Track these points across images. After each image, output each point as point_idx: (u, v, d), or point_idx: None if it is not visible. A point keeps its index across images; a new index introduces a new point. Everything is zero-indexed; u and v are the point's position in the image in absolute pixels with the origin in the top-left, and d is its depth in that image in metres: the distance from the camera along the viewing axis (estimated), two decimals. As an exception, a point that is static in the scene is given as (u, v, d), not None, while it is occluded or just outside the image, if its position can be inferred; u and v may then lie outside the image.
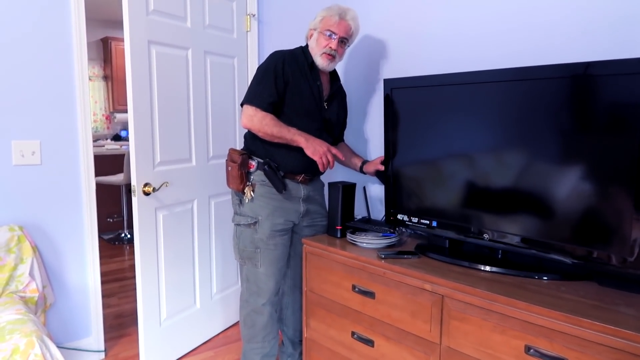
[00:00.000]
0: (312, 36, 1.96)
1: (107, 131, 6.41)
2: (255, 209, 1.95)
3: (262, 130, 1.86)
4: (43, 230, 2.29)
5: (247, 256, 1.99)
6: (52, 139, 2.28)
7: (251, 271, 2.00)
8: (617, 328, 1.11)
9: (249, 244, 1.97)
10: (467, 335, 1.42)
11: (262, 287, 1.99)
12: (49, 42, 2.23)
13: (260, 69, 1.93)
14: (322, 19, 1.93)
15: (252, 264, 1.98)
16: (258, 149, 1.96)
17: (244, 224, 1.97)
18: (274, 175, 1.91)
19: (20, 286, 2.04)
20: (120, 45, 6.04)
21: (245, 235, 1.98)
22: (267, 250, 1.96)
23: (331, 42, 1.90)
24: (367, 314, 1.73)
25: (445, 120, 1.69)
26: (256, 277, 1.99)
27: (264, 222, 1.94)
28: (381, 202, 2.22)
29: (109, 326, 2.85)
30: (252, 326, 2.04)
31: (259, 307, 2.01)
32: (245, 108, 1.88)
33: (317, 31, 1.94)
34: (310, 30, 1.98)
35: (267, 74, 1.88)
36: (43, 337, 1.63)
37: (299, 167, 1.96)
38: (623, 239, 1.30)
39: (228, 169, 1.97)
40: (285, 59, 1.91)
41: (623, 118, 1.28)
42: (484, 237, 1.60)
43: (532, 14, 1.68)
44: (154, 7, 2.15)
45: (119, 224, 5.14)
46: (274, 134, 1.86)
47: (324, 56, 1.91)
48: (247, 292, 2.03)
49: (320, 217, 2.12)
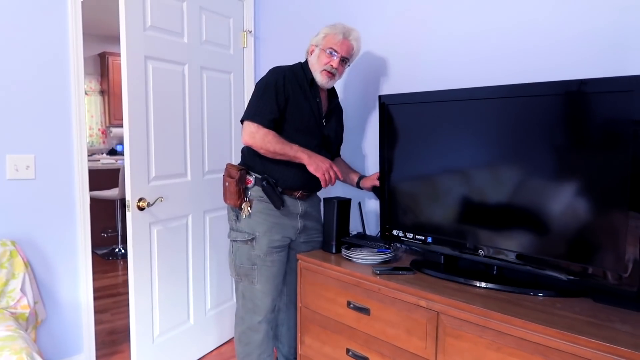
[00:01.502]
0: (313, 52, 1.96)
1: (102, 145, 6.40)
2: (253, 225, 1.93)
3: (265, 147, 1.85)
4: (36, 245, 2.27)
5: (244, 273, 1.97)
6: (46, 153, 2.28)
7: (247, 288, 1.97)
8: (612, 345, 1.11)
9: (246, 260, 1.95)
10: (462, 353, 1.40)
11: (259, 304, 1.97)
12: (45, 56, 2.24)
13: (260, 84, 1.92)
14: (326, 36, 1.93)
15: (248, 280, 1.96)
16: (256, 165, 1.95)
17: (241, 240, 1.95)
18: (272, 192, 1.90)
19: (11, 302, 2.01)
20: (118, 60, 6.07)
21: (242, 251, 1.96)
22: (264, 267, 1.94)
23: (332, 60, 1.90)
24: (362, 331, 1.71)
25: (440, 137, 1.70)
26: (252, 294, 1.97)
27: (261, 238, 1.93)
28: (376, 217, 2.22)
29: (102, 343, 2.81)
30: (247, 344, 2.01)
31: (255, 324, 1.99)
32: (247, 125, 1.87)
33: (319, 48, 1.93)
34: (311, 46, 1.98)
35: (268, 90, 1.87)
36: (33, 355, 1.61)
37: (297, 183, 1.96)
38: (617, 255, 1.30)
39: (225, 185, 1.94)
40: (285, 75, 1.91)
41: (616, 135, 1.29)
42: (479, 253, 1.60)
43: (526, 32, 1.70)
44: (151, 22, 2.17)
45: (113, 238, 5.10)
46: (276, 151, 1.85)
47: (323, 73, 1.91)
48: (243, 309, 2.01)
49: (317, 233, 2.11)
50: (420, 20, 2.03)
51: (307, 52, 2.01)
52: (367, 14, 2.23)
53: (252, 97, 1.92)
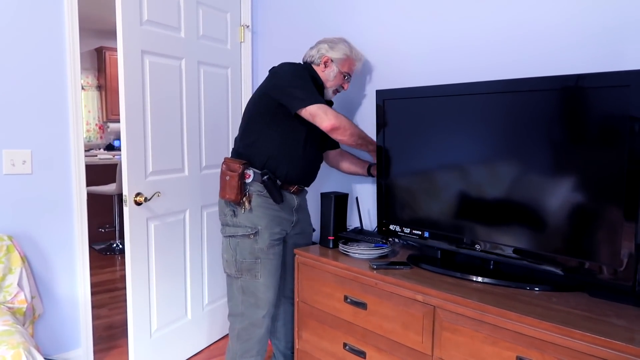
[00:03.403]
0: (327, 64, 1.98)
1: (100, 141, 6.39)
2: (254, 219, 1.92)
3: (351, 129, 1.87)
4: (33, 240, 2.27)
5: (246, 268, 1.93)
6: (43, 148, 2.27)
7: (249, 283, 1.94)
8: (608, 339, 1.11)
9: (248, 255, 1.93)
10: (458, 347, 1.41)
11: (262, 297, 1.95)
12: (41, 51, 2.23)
13: (293, 73, 1.88)
14: (346, 58, 2.00)
15: (251, 275, 1.93)
16: (256, 159, 1.92)
17: (242, 234, 1.92)
18: (273, 186, 1.90)
19: (8, 297, 2.01)
20: (115, 55, 6.05)
21: (244, 246, 1.93)
22: (267, 260, 1.93)
23: (345, 84, 2.04)
24: (359, 325, 1.72)
25: (437, 131, 1.70)
26: (255, 289, 1.94)
27: (263, 232, 1.92)
28: (374, 212, 2.22)
29: (99, 338, 2.81)
30: (247, 340, 1.98)
31: (258, 319, 1.96)
32: (317, 108, 1.82)
33: (336, 66, 1.98)
34: (326, 57, 1.98)
35: (305, 78, 1.88)
36: (30, 349, 1.61)
37: (296, 178, 1.97)
38: (613, 250, 1.30)
39: (226, 179, 1.91)
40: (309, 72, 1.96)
41: (613, 130, 1.29)
42: (476, 247, 1.61)
43: (524, 26, 1.70)
44: (148, 17, 2.16)
45: (111, 234, 5.10)
46: (360, 135, 1.91)
47: (334, 91, 2.03)
48: (243, 305, 1.97)
49: (307, 225, 2.14)
50: (414, 12, 2.02)
51: (319, 58, 2.00)
52: (363, 7, 2.22)
53: (293, 85, 1.86)
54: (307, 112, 1.84)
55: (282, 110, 1.88)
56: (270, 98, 1.89)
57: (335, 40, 2.02)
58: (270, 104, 1.89)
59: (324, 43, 2.01)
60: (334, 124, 1.82)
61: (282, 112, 1.88)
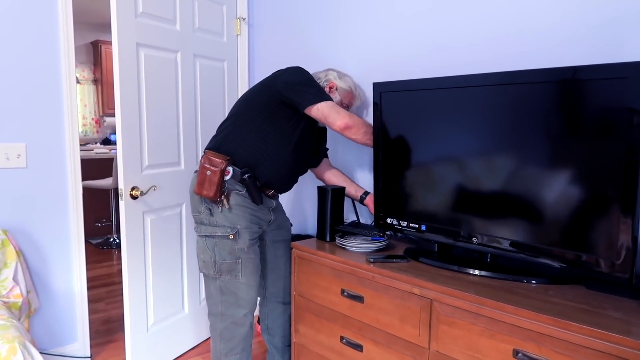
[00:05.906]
0: (332, 92, 2.01)
1: (96, 135, 6.36)
2: (233, 219, 1.84)
3: (364, 128, 1.86)
4: (28, 235, 2.26)
5: (227, 269, 1.86)
6: (38, 142, 2.26)
7: (229, 283, 1.88)
8: (604, 332, 1.11)
9: (228, 255, 1.85)
10: (455, 340, 1.41)
11: (243, 297, 1.90)
12: (35, 45, 2.21)
13: (300, 73, 1.85)
14: (350, 92, 2.05)
15: (231, 275, 1.87)
16: (238, 156, 1.85)
17: (221, 235, 1.84)
18: (253, 186, 1.84)
19: (4, 291, 2.00)
20: (111, 49, 5.95)
21: (223, 246, 1.85)
22: (248, 260, 1.88)
23: None
24: (356, 319, 1.72)
25: (434, 124, 1.69)
26: (235, 288, 1.88)
27: (243, 232, 1.85)
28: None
29: (96, 332, 2.81)
30: (230, 339, 1.93)
31: (240, 317, 1.91)
32: (330, 107, 1.79)
33: (339, 95, 2.02)
34: (333, 82, 2.02)
35: (310, 78, 1.86)
36: (26, 343, 1.60)
37: (275, 183, 1.91)
38: (610, 243, 1.30)
39: (206, 174, 1.78)
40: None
41: (610, 122, 1.29)
42: (473, 241, 1.60)
43: (522, 20, 1.69)
44: (143, 9, 2.14)
45: (107, 228, 5.09)
46: (371, 133, 1.88)
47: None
48: (223, 305, 1.91)
49: (284, 220, 2.10)
50: (414, 5, 2.01)
51: (325, 81, 2.01)
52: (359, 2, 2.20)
53: (307, 82, 1.83)
54: (319, 111, 1.80)
55: (281, 110, 1.84)
56: (273, 94, 1.83)
57: (344, 73, 2.10)
58: (271, 101, 1.84)
59: (334, 71, 2.07)
60: (347, 123, 1.80)
61: (281, 113, 1.84)
